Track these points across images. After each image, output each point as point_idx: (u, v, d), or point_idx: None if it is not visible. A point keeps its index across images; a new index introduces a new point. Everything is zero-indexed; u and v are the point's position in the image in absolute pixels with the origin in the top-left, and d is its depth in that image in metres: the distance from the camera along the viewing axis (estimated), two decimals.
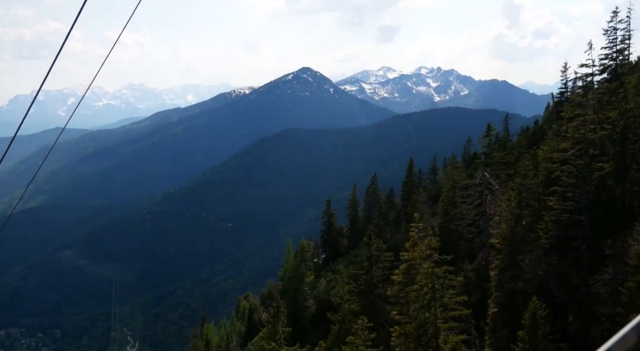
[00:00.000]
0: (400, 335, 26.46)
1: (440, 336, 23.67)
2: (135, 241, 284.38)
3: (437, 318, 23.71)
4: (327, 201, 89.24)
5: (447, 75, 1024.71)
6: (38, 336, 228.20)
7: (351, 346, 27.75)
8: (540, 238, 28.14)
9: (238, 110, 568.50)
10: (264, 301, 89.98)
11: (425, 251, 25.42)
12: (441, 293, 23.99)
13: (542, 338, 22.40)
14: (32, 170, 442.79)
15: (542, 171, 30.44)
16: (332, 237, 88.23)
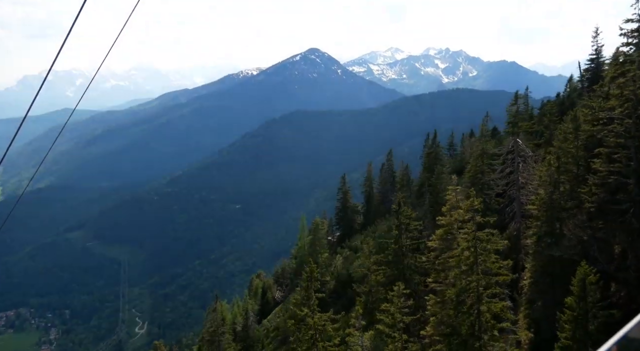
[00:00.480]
0: (437, 303, 24.70)
1: (483, 302, 21.75)
2: (144, 222, 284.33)
3: (479, 283, 21.78)
4: (342, 177, 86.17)
5: (455, 56, 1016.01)
6: (47, 317, 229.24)
7: (386, 314, 26.39)
8: (584, 203, 26.02)
9: (246, 92, 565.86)
10: (277, 279, 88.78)
11: (466, 213, 23.35)
12: (484, 257, 22.04)
13: (592, 305, 20.59)
14: (41, 151, 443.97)
15: (582, 134, 28.25)
16: (347, 214, 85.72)
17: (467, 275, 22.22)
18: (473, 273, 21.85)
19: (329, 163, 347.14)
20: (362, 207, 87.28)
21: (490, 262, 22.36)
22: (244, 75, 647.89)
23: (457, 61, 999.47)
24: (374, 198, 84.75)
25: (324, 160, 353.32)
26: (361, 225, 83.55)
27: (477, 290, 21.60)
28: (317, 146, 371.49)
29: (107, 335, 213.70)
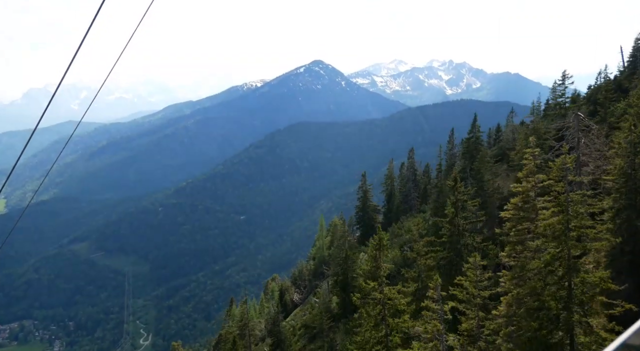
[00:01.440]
0: (513, 278, 22.99)
1: (578, 272, 19.83)
2: (148, 234, 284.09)
3: (572, 252, 20.10)
4: (362, 175, 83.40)
5: (459, 68, 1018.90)
6: (51, 329, 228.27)
7: (460, 289, 24.53)
8: None
9: (250, 103, 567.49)
10: (295, 281, 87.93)
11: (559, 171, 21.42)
12: (577, 221, 20.37)
13: None
14: (45, 163, 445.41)
15: None
16: (367, 213, 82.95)
17: (557, 241, 20.52)
18: (564, 240, 20.12)
19: (334, 174, 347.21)
20: (382, 207, 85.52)
21: (584, 227, 20.27)
22: (248, 87, 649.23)
23: (460, 73, 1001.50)
24: (396, 197, 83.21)
25: (329, 171, 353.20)
26: (382, 224, 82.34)
27: (569, 258, 19.87)
28: (321, 157, 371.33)
29: (112, 347, 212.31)
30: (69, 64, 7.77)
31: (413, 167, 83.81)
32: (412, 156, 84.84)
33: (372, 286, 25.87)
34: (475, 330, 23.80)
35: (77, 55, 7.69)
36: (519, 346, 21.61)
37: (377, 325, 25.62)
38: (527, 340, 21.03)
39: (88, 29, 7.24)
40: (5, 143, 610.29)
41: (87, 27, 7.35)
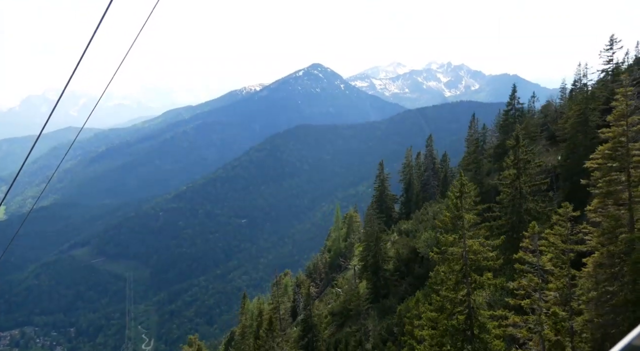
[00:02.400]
0: (602, 235, 20.16)
1: None
2: (149, 238, 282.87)
3: None
4: (380, 164, 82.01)
5: (457, 70, 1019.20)
6: (52, 335, 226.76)
7: (547, 245, 21.63)
8: None
9: (249, 107, 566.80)
10: (310, 274, 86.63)
11: None
12: None
13: None
14: (44, 169, 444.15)
15: None
16: (385, 202, 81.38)
17: None
18: None
19: (334, 176, 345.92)
20: (400, 196, 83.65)
21: None
22: (247, 91, 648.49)
23: (459, 75, 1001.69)
24: (415, 186, 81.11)
25: (329, 174, 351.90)
26: (400, 214, 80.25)
27: None
28: (321, 159, 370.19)
29: None
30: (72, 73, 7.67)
31: (432, 155, 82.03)
32: (430, 144, 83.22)
33: (453, 239, 23.06)
34: (567, 289, 21.04)
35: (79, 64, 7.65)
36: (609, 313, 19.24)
37: (458, 283, 22.87)
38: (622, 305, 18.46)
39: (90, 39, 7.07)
40: (5, 150, 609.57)
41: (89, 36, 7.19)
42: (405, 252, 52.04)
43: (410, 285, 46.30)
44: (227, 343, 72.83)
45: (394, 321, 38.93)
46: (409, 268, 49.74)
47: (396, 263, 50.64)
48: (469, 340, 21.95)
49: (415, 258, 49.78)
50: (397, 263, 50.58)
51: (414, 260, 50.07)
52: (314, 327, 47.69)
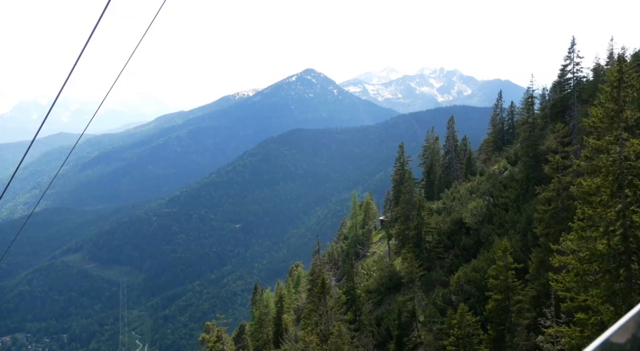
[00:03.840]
0: None
1: None
2: (143, 243, 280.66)
3: None
4: (400, 146, 79.28)
5: (450, 76, 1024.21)
6: (45, 342, 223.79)
7: None
8: None
9: (242, 112, 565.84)
10: (327, 263, 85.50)
11: None
12: None
13: None
14: (36, 175, 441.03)
15: None
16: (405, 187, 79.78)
17: None
18: None
19: (328, 180, 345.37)
20: (420, 180, 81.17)
21: None
22: (240, 96, 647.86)
23: (451, 80, 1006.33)
24: (437, 169, 79.01)
25: (323, 178, 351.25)
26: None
27: None
28: (315, 164, 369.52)
29: None
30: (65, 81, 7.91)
31: (453, 138, 79.89)
32: (451, 126, 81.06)
33: (608, 140, 18.52)
34: None
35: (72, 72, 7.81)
36: None
37: (612, 196, 18.50)
38: None
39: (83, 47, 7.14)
40: None
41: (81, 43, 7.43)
42: (445, 225, 50.90)
43: (457, 257, 45.37)
44: (236, 337, 71.50)
45: (452, 288, 37.83)
46: (453, 241, 48.62)
47: (436, 236, 49.35)
48: (624, 265, 18.48)
49: (459, 230, 48.55)
50: (437, 237, 49.28)
51: (457, 232, 48.76)
52: (357, 299, 45.72)
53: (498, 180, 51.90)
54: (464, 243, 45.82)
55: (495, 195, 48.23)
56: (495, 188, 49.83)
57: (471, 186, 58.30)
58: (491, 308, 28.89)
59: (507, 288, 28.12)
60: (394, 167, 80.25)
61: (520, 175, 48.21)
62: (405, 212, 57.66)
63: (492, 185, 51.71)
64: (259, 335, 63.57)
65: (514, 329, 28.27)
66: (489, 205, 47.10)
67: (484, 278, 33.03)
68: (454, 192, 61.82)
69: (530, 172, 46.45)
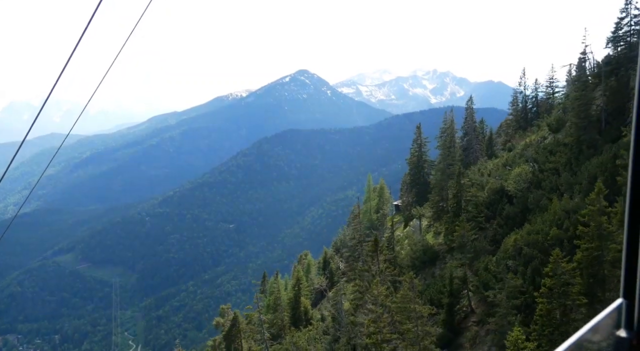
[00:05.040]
0: None
1: None
2: (136, 244, 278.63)
3: None
4: (417, 127, 77.22)
5: (443, 77, 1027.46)
6: (36, 343, 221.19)
7: None
8: None
9: (235, 113, 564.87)
10: (338, 250, 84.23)
11: None
12: None
13: None
14: (27, 175, 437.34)
15: None
16: (423, 169, 75.49)
17: None
18: None
19: (323, 181, 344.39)
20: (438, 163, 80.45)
21: None
22: (233, 97, 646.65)
23: (444, 82, 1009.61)
24: (456, 150, 75.29)
25: (317, 178, 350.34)
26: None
27: None
28: (309, 164, 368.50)
29: None
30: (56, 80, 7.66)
31: (472, 118, 77.89)
32: (470, 106, 79.42)
33: None
34: None
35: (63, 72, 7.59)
36: None
37: None
38: None
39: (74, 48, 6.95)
40: None
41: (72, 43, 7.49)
42: (482, 197, 49.25)
43: (501, 227, 43.79)
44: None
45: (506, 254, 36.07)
46: (493, 211, 47.05)
47: (474, 207, 47.80)
48: None
49: (499, 200, 46.97)
50: (476, 208, 47.72)
51: (497, 202, 47.14)
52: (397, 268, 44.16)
53: (541, 147, 50.40)
54: (508, 212, 44.33)
55: (541, 161, 46.77)
56: (540, 155, 48.29)
57: (506, 159, 56.56)
58: (580, 258, 26.56)
59: (600, 236, 25.85)
60: (410, 149, 78.31)
61: (569, 138, 46.73)
62: (439, 182, 55.76)
63: (535, 152, 50.14)
64: (275, 320, 62.53)
65: (609, 281, 26.11)
66: (535, 171, 45.72)
67: (546, 240, 31.74)
68: (481, 169, 60.12)
69: (581, 134, 44.93)
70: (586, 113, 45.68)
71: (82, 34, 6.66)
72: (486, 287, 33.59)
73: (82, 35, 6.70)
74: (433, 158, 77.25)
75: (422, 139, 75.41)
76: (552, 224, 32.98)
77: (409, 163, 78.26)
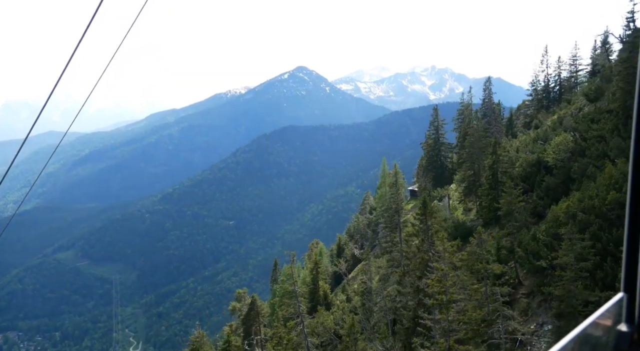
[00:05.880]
0: None
1: None
2: (135, 240, 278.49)
3: None
4: (434, 109, 76.00)
5: (441, 73, 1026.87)
6: (37, 340, 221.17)
7: None
8: None
9: (234, 110, 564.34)
10: (352, 236, 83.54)
11: None
12: None
13: None
14: (26, 173, 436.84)
15: None
16: (440, 152, 73.95)
17: None
18: None
19: (322, 177, 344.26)
20: (455, 146, 77.44)
21: None
22: (232, 94, 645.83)
23: (443, 78, 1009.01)
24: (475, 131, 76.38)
25: (317, 175, 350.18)
26: (458, 163, 72.43)
27: None
28: (309, 161, 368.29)
29: None
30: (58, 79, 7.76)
31: (490, 98, 76.65)
32: (488, 87, 78.24)
33: None
34: None
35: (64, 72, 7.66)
36: None
37: None
38: None
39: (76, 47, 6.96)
40: None
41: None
42: (516, 170, 47.66)
43: (542, 199, 42.24)
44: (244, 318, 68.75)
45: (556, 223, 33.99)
46: (531, 183, 45.61)
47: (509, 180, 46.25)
48: None
49: (536, 172, 45.62)
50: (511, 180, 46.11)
51: (534, 174, 45.74)
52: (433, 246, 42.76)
53: (580, 117, 49.04)
54: (548, 184, 42.91)
55: (582, 130, 45.12)
56: (581, 124, 46.61)
57: (536, 134, 55.07)
58: None
59: None
60: (426, 133, 77.31)
61: (614, 104, 44.99)
62: (470, 155, 54.39)
63: (574, 121, 48.65)
64: (288, 308, 62.71)
65: None
66: (577, 139, 44.24)
67: (603, 204, 30.98)
68: (507, 147, 59.16)
69: (627, 99, 43.16)
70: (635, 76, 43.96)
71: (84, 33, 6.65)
72: (536, 257, 32.50)
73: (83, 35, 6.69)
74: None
75: (440, 121, 74.20)
76: (608, 188, 32.19)
77: (424, 147, 77.02)
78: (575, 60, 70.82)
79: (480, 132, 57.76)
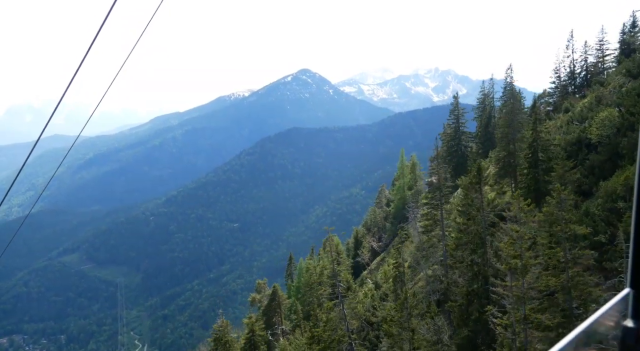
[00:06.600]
0: None
1: None
2: (140, 243, 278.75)
3: None
4: (454, 97, 75.04)
5: (445, 75, 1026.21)
6: (42, 343, 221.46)
7: None
8: None
9: (238, 113, 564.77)
10: (370, 228, 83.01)
11: None
12: None
13: None
14: (30, 177, 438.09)
15: None
16: (460, 141, 72.52)
17: None
18: None
19: (327, 179, 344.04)
20: (476, 134, 76.24)
21: None
22: (235, 97, 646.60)
23: (446, 80, 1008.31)
24: (494, 120, 72.14)
25: (321, 177, 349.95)
26: (477, 153, 71.18)
27: None
28: (313, 163, 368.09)
29: None
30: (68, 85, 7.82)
31: (511, 87, 74.15)
32: (509, 74, 76.03)
33: None
34: None
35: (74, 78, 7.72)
36: None
37: None
38: None
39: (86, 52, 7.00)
40: None
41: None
42: (558, 147, 45.53)
43: (586, 177, 40.88)
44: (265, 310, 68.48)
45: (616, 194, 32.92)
46: (573, 162, 43.35)
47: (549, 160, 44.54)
48: None
49: (578, 150, 44.29)
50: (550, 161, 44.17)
51: (575, 153, 44.27)
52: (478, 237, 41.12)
53: (624, 92, 47.06)
54: (592, 161, 41.57)
55: (628, 105, 43.22)
56: (626, 99, 44.78)
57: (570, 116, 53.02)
58: None
59: None
60: (445, 124, 76.31)
61: None
62: (505, 134, 52.56)
63: (618, 97, 47.10)
64: (309, 298, 61.53)
65: None
66: (624, 114, 42.42)
67: None
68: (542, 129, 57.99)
69: None
70: None
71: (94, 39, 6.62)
72: (595, 232, 30.83)
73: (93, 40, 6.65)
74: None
75: (460, 110, 72.90)
76: None
77: (442, 137, 74.95)
78: (601, 45, 69.61)
79: (516, 109, 56.17)
